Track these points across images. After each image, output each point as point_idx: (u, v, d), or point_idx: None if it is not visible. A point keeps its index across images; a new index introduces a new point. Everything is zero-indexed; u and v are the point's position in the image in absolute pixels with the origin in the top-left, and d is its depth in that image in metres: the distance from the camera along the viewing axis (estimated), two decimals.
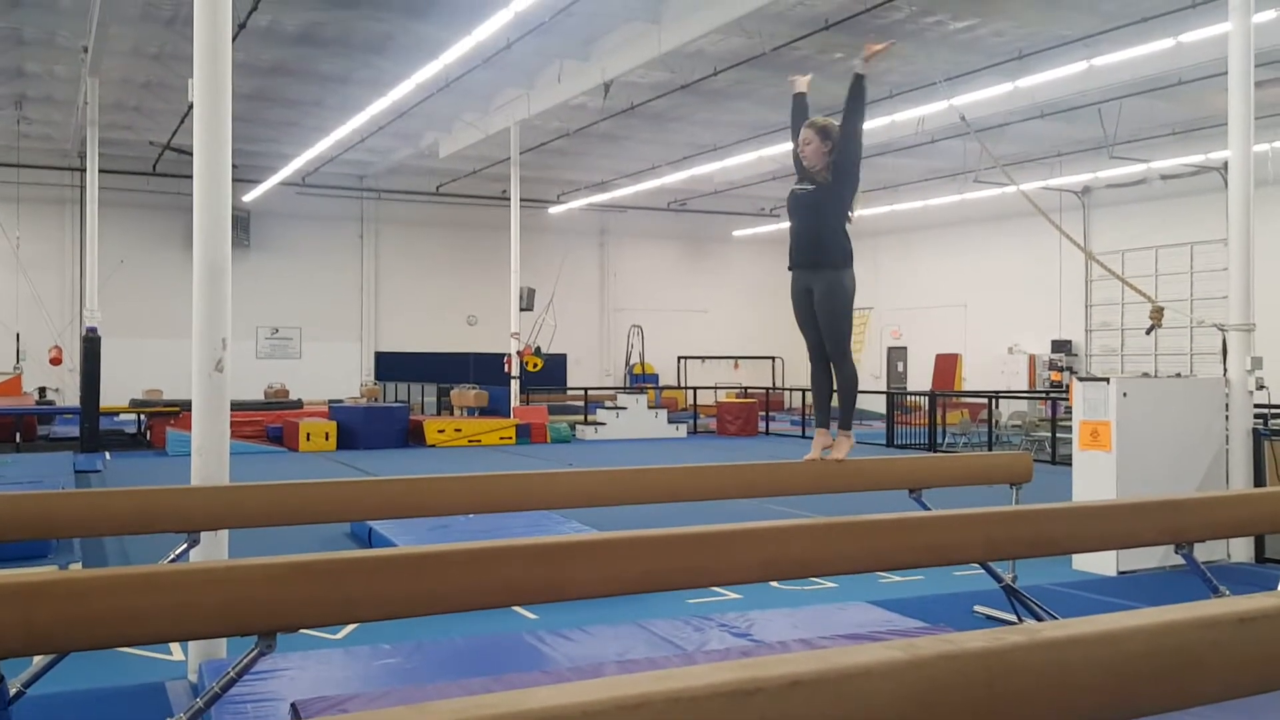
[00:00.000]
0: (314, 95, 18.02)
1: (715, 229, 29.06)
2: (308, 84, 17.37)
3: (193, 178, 4.95)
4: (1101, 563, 7.32)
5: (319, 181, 24.04)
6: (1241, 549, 7.82)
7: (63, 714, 4.29)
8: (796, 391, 25.20)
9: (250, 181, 22.53)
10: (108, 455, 15.60)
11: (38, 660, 3.47)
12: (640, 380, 27.35)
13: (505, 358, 20.35)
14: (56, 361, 20.86)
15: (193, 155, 4.97)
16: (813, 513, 6.87)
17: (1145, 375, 8.65)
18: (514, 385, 19.92)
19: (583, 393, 22.60)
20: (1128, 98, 16.04)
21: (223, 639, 4.61)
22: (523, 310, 20.42)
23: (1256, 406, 8.34)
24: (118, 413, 18.80)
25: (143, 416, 18.34)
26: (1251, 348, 7.94)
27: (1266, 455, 7.95)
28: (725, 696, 1.40)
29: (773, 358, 29.49)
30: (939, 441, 17.47)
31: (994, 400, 17.84)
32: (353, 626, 5.49)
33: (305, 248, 25.60)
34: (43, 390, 21.53)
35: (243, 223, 23.87)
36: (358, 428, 17.76)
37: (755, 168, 21.51)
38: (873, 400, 22.95)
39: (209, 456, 4.89)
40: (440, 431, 18.22)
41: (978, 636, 1.64)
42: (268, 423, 17.96)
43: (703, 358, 29.45)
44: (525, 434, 18.99)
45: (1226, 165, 8.64)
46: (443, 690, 4.02)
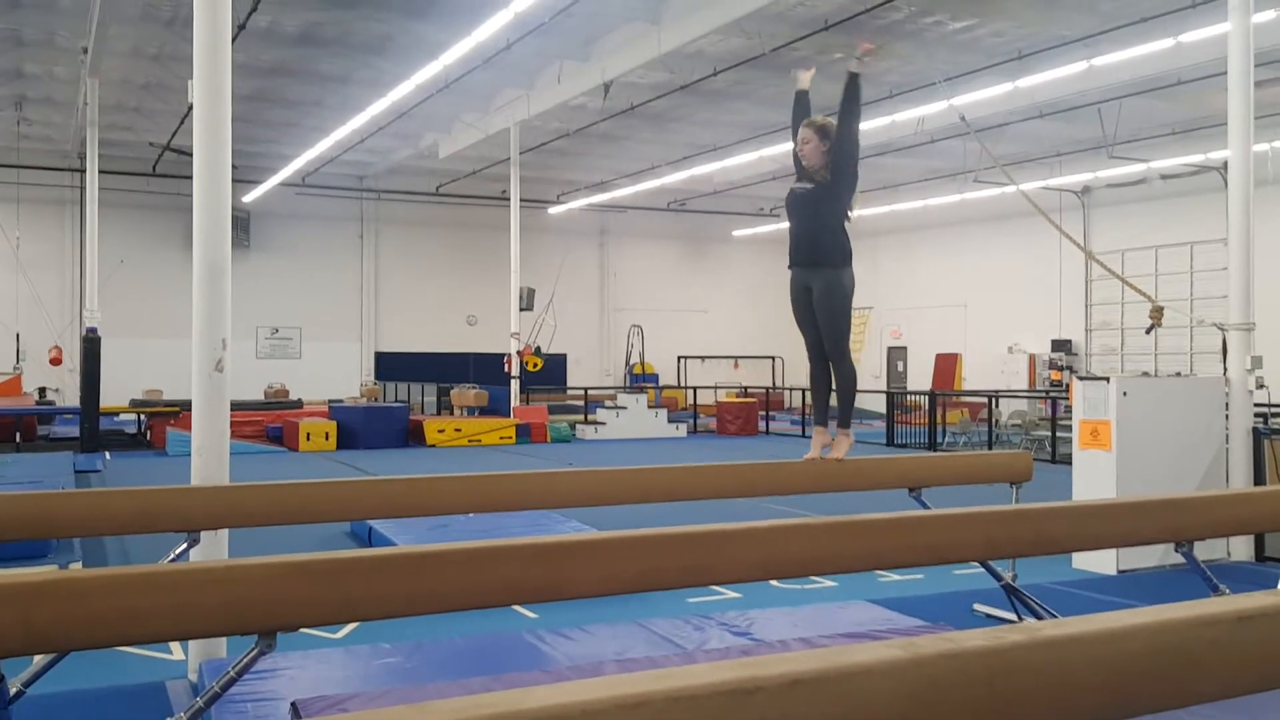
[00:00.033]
0: (314, 95, 18.02)
1: (715, 229, 29.06)
2: (308, 84, 17.37)
3: (193, 178, 4.95)
4: (1101, 561, 7.32)
5: (319, 182, 24.04)
6: (1241, 548, 7.82)
7: (63, 714, 4.29)
8: (796, 391, 25.21)
9: (250, 182, 22.53)
10: (108, 455, 15.60)
11: (38, 660, 3.47)
12: (640, 380, 27.35)
13: (505, 357, 20.35)
14: (56, 361, 20.86)
15: (193, 156, 4.98)
16: (812, 512, 6.87)
17: (1145, 374, 8.65)
18: (514, 385, 19.92)
19: (583, 392, 22.60)
20: (1127, 98, 16.05)
21: (223, 638, 4.61)
22: (523, 310, 20.41)
23: (1256, 406, 8.34)
24: (118, 413, 18.80)
25: (143, 416, 18.35)
26: (1251, 347, 7.94)
27: (1266, 454, 7.96)
28: (725, 695, 1.40)
29: (772, 357, 29.49)
30: (939, 441, 17.47)
31: (994, 400, 17.85)
32: (353, 626, 5.49)
33: (305, 248, 25.60)
34: (43, 390, 21.51)
35: (243, 223, 23.87)
36: (358, 428, 17.76)
37: (755, 168, 21.51)
38: (873, 400, 22.97)
39: (209, 456, 4.89)
40: (440, 431, 18.23)
41: (978, 635, 1.65)
42: (268, 423, 17.96)
43: (703, 357, 29.45)
44: (525, 434, 19.00)
45: (1226, 165, 8.64)
46: (443, 689, 4.02)
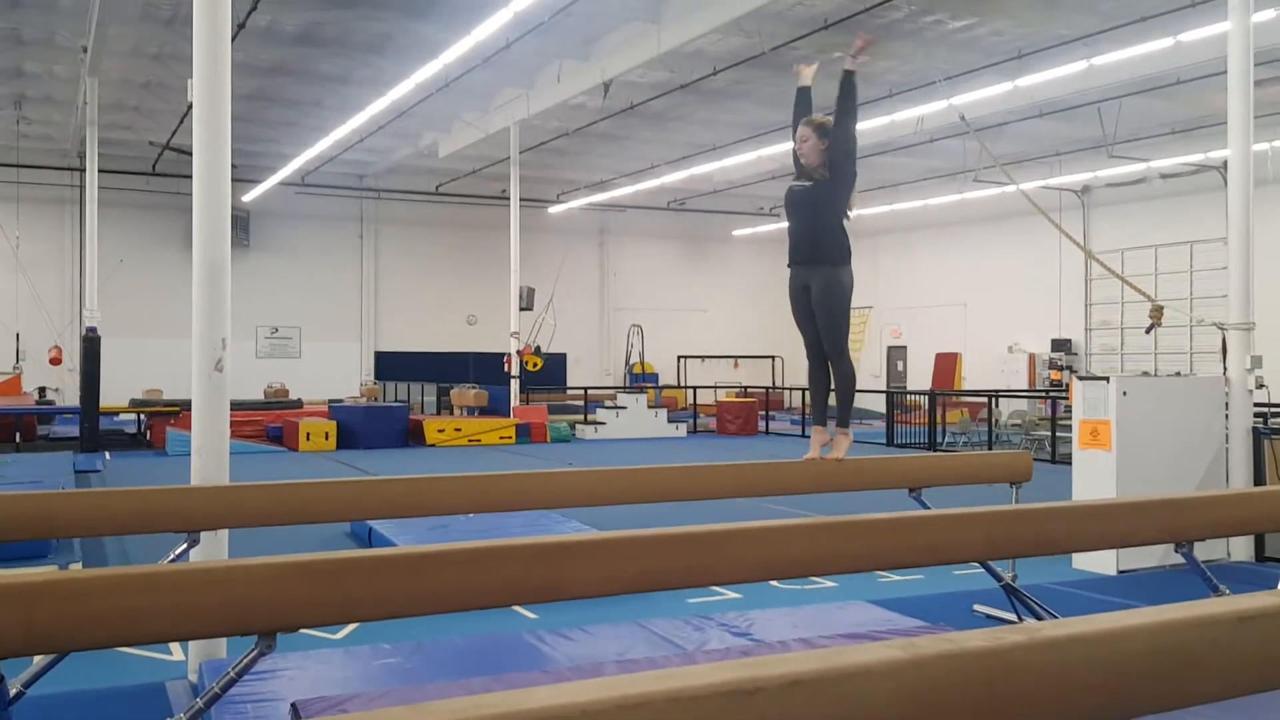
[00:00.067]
0: (314, 95, 18.02)
1: (715, 228, 29.06)
2: (307, 84, 17.37)
3: (192, 178, 4.95)
4: (1101, 562, 7.32)
5: (319, 181, 24.04)
6: (1241, 548, 7.82)
7: (63, 714, 4.29)
8: (796, 391, 25.21)
9: (250, 181, 22.53)
10: (108, 455, 15.59)
11: (38, 660, 3.47)
12: (640, 380, 27.35)
13: (505, 357, 20.34)
14: (56, 361, 20.86)
15: (192, 155, 4.98)
16: (812, 512, 6.87)
17: (1145, 374, 8.65)
18: (514, 385, 19.92)
19: (582, 392, 22.60)
20: (1127, 97, 16.05)
21: (223, 639, 4.61)
22: (522, 310, 20.41)
23: (1256, 405, 8.33)
24: (118, 413, 18.81)
25: (143, 416, 18.34)
26: (1251, 346, 7.94)
27: (1266, 454, 7.95)
28: (725, 696, 1.40)
29: (772, 357, 29.48)
30: (939, 441, 17.47)
31: (994, 399, 17.85)
32: (353, 626, 5.49)
33: (305, 248, 25.60)
34: (43, 390, 21.52)
35: (242, 223, 23.87)
36: (358, 427, 17.76)
37: (755, 167, 21.51)
38: (872, 399, 22.97)
39: (209, 456, 4.89)
40: (440, 431, 18.23)
41: (978, 636, 1.64)
42: (268, 422, 17.96)
43: (702, 357, 29.45)
44: (525, 434, 19.00)
45: (1226, 164, 8.64)
46: (443, 690, 4.02)
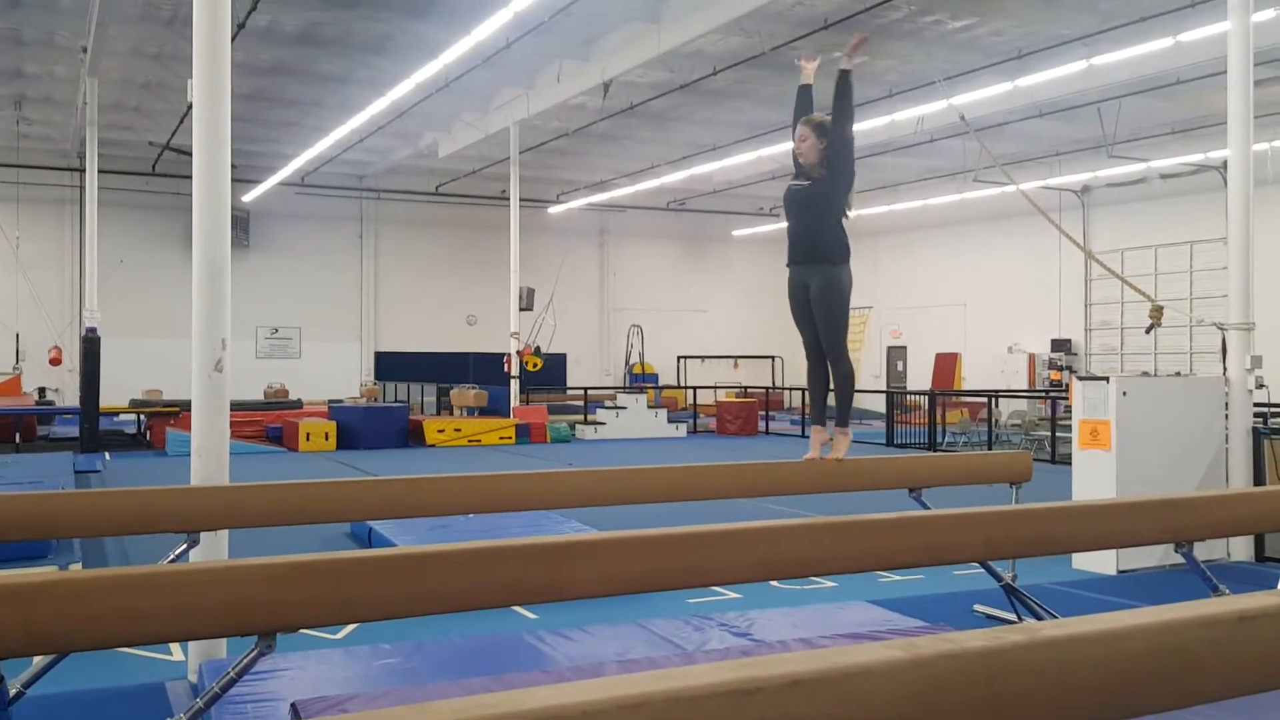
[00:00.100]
0: (313, 95, 18.02)
1: (715, 229, 29.06)
2: (307, 84, 17.37)
3: (192, 178, 4.95)
4: (1101, 562, 7.32)
5: (318, 181, 24.04)
6: (1241, 548, 7.82)
7: (63, 714, 4.29)
8: (796, 391, 25.20)
9: (250, 181, 22.53)
10: (107, 455, 15.59)
11: (38, 660, 3.47)
12: (640, 380, 27.35)
13: (505, 357, 20.34)
14: (56, 362, 20.86)
15: (192, 155, 4.98)
16: (812, 512, 6.87)
17: (1145, 374, 8.65)
18: (514, 385, 19.92)
19: (582, 392, 22.60)
20: (1127, 97, 16.05)
21: (223, 639, 4.61)
22: (522, 310, 20.41)
23: (1256, 405, 8.33)
24: (117, 413, 18.80)
25: (142, 416, 18.34)
26: (1251, 347, 7.94)
27: (1266, 454, 7.95)
28: (725, 696, 1.40)
29: (772, 357, 29.48)
30: (939, 441, 17.47)
31: (994, 399, 17.84)
32: (353, 626, 5.49)
33: (305, 248, 25.60)
34: (42, 390, 21.51)
35: (242, 223, 23.87)
36: (358, 428, 17.76)
37: (755, 167, 21.50)
38: (872, 399, 22.98)
39: (209, 456, 4.89)
40: (440, 431, 18.22)
41: (978, 636, 1.64)
42: (268, 423, 17.96)
43: (702, 357, 29.45)
44: (525, 434, 18.99)
45: (1226, 164, 8.64)
46: (443, 690, 4.02)
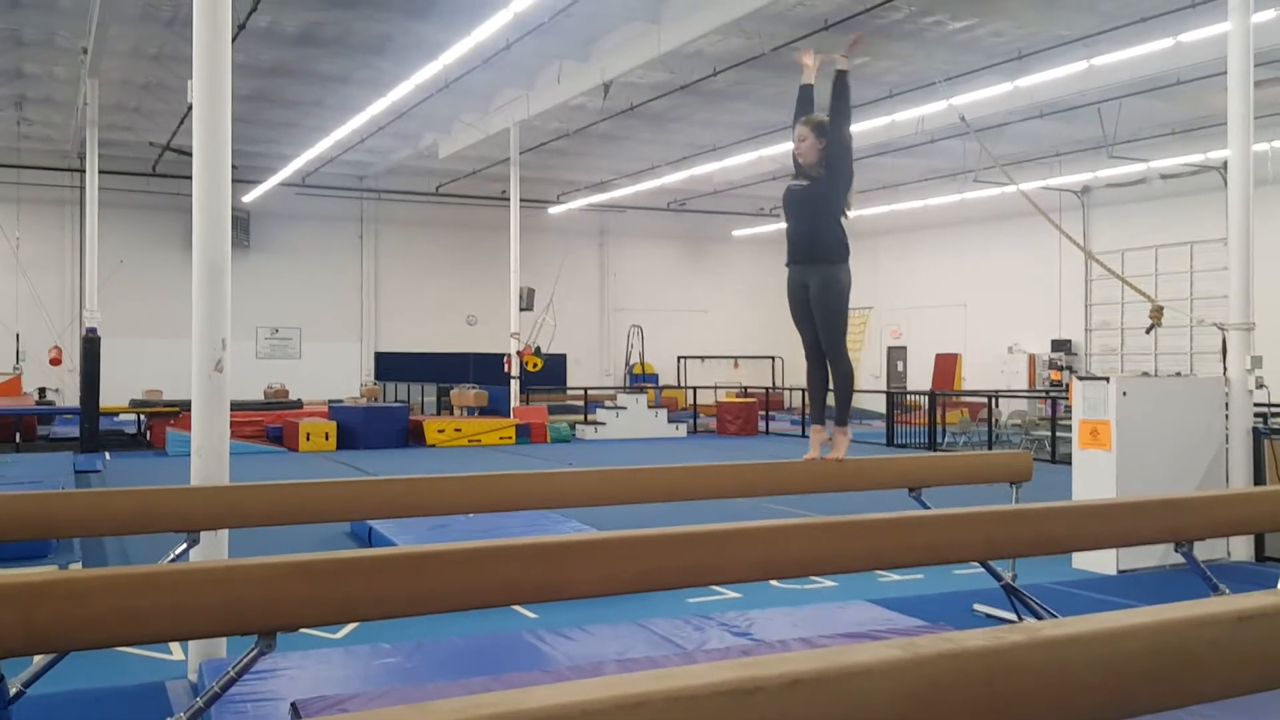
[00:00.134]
0: (314, 95, 18.02)
1: (715, 229, 29.06)
2: (307, 84, 17.37)
3: (192, 178, 4.95)
4: (1101, 561, 7.32)
5: (319, 182, 24.04)
6: (1241, 547, 7.82)
7: (63, 714, 4.29)
8: (796, 391, 25.20)
9: (250, 182, 22.53)
10: (108, 455, 15.59)
11: (38, 660, 3.47)
12: (640, 380, 27.35)
13: (505, 358, 20.35)
14: (56, 362, 20.86)
15: (192, 156, 4.98)
16: (812, 512, 6.87)
17: (1145, 374, 8.65)
18: (514, 385, 19.92)
19: (583, 393, 22.60)
20: (1127, 97, 16.05)
21: (223, 639, 4.61)
22: (522, 310, 20.41)
23: (1256, 405, 8.34)
24: (118, 413, 18.80)
25: (143, 416, 18.34)
26: (1251, 347, 7.94)
27: (1266, 454, 7.95)
28: (725, 695, 1.40)
29: (772, 357, 29.48)
30: (939, 441, 17.47)
31: (994, 399, 17.84)
32: (353, 626, 5.49)
33: (305, 248, 25.60)
34: (43, 390, 21.51)
35: (243, 223, 23.87)
36: (358, 428, 17.76)
37: (755, 168, 21.51)
38: (873, 399, 22.98)
39: (209, 456, 4.89)
40: (440, 431, 18.22)
41: (978, 635, 1.64)
42: (268, 423, 17.96)
43: (703, 357, 29.45)
44: (525, 434, 19.00)
45: (1226, 164, 8.64)
46: (443, 690, 4.02)
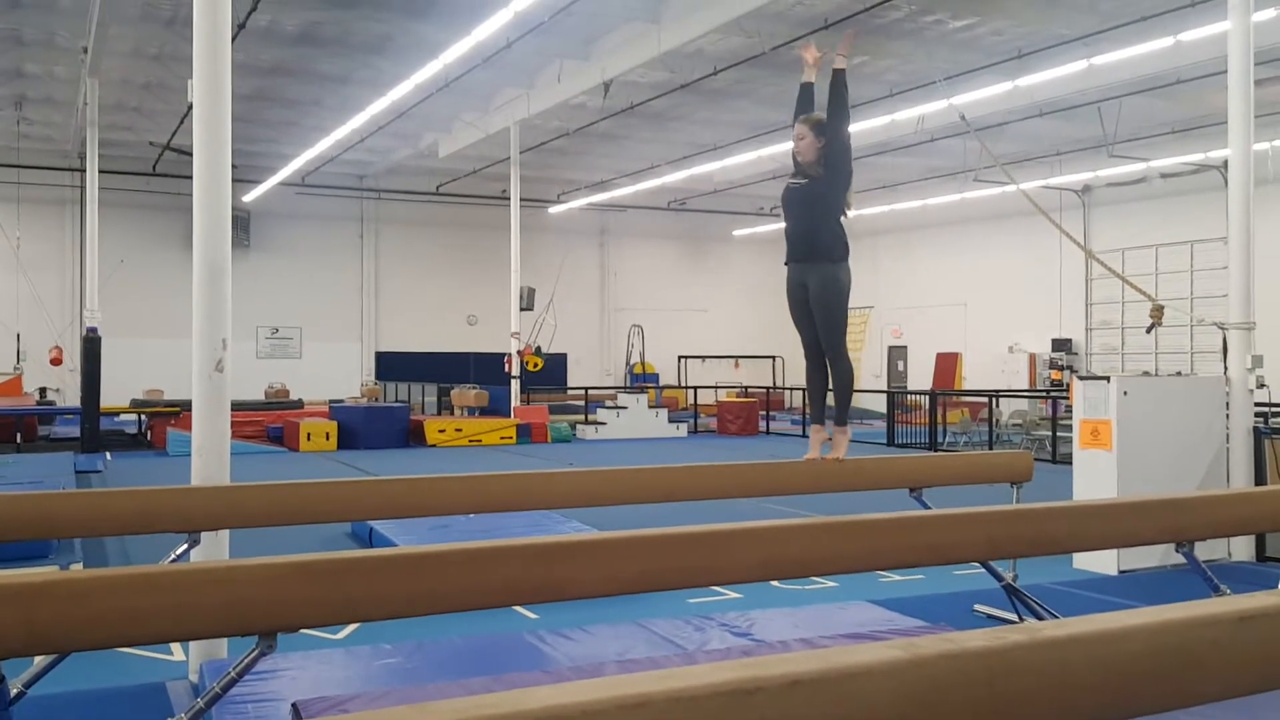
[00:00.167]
0: (314, 95, 18.02)
1: (715, 228, 29.06)
2: (307, 84, 17.37)
3: (192, 178, 4.95)
4: (1102, 561, 7.32)
5: (319, 181, 24.04)
6: (1242, 547, 7.82)
7: (63, 714, 4.29)
8: (797, 391, 25.21)
9: (250, 181, 22.53)
10: (108, 455, 15.59)
11: (39, 660, 3.47)
12: (640, 380, 27.35)
13: (505, 357, 20.35)
14: (57, 362, 20.86)
15: (193, 156, 4.97)
16: (812, 512, 6.87)
17: (1146, 374, 8.64)
18: (514, 385, 19.92)
19: (583, 392, 22.59)
20: (1127, 96, 16.05)
21: (223, 639, 4.61)
22: (523, 310, 20.41)
23: (1257, 405, 8.32)
24: (118, 413, 18.80)
25: (143, 416, 18.34)
26: (1252, 346, 7.94)
27: (1267, 454, 7.95)
28: (726, 696, 1.39)
29: (773, 357, 29.48)
30: (939, 440, 17.47)
31: (994, 399, 17.83)
32: (353, 626, 5.49)
33: (305, 248, 25.60)
34: (43, 390, 21.51)
35: (243, 223, 23.87)
36: (358, 428, 17.76)
37: (755, 167, 21.51)
38: (873, 399, 22.98)
39: (209, 456, 4.89)
40: (440, 431, 18.22)
41: (978, 636, 1.64)
42: (268, 423, 17.96)
43: (703, 357, 29.45)
44: (525, 434, 18.99)
45: (1226, 164, 8.64)
46: (443, 690, 4.02)
